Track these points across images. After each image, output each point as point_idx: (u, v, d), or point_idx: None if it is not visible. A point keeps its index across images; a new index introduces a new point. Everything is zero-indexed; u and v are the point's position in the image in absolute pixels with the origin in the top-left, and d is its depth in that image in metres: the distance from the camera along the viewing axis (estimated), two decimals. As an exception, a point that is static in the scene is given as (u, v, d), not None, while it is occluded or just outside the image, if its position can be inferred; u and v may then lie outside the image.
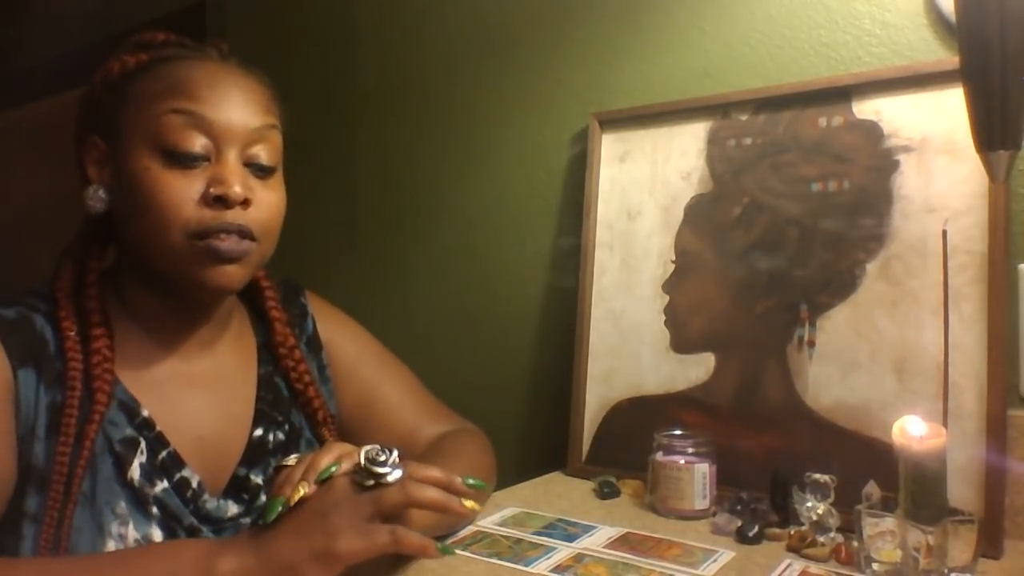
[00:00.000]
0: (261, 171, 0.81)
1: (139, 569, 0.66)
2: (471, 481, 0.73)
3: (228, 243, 0.77)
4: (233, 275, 0.79)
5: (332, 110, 1.67)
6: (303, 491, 0.68)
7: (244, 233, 0.78)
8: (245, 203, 0.78)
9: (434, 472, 0.71)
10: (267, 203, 0.81)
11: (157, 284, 0.81)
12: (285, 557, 0.65)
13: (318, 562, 0.64)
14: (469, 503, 0.72)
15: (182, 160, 0.77)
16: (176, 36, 0.85)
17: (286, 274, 1.00)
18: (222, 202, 0.76)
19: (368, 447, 0.70)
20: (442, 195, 1.49)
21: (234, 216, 0.77)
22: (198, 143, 0.77)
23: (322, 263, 1.66)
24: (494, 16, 1.41)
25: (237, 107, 0.79)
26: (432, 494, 0.69)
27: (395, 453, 0.70)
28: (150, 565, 0.66)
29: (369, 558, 0.66)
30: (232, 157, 0.78)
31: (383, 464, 0.69)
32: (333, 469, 0.69)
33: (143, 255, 0.80)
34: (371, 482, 0.68)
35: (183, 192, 0.76)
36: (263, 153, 0.81)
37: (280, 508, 0.67)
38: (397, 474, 0.69)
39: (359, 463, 0.69)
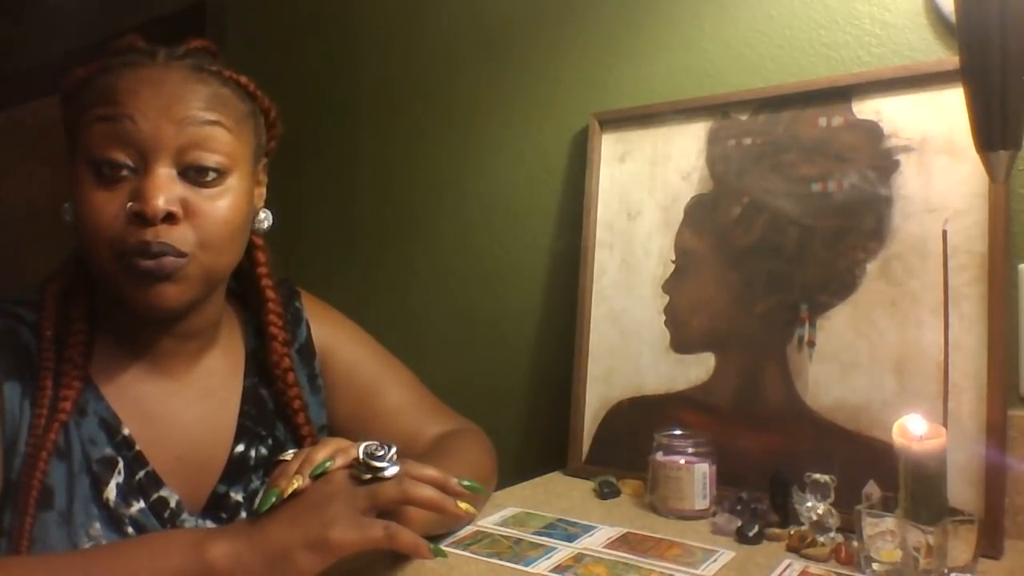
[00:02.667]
0: (202, 177, 0.75)
1: (129, 556, 0.66)
2: (466, 483, 0.73)
3: (151, 262, 0.72)
4: (168, 294, 0.74)
5: (332, 110, 1.67)
6: (297, 484, 0.67)
7: (170, 253, 0.73)
8: (171, 219, 0.73)
9: (430, 471, 0.71)
10: (206, 215, 0.75)
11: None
12: (278, 543, 0.65)
13: (311, 550, 0.64)
14: (464, 505, 0.72)
15: (105, 174, 0.73)
16: (136, 41, 0.80)
17: (286, 275, 1.00)
18: (141, 219, 0.72)
19: (367, 443, 0.70)
20: (442, 195, 1.49)
21: (155, 233, 0.72)
22: (120, 154, 0.73)
23: (322, 263, 1.66)
24: (494, 16, 1.41)
25: (161, 112, 0.73)
26: (428, 493, 0.69)
27: (393, 449, 0.70)
28: (139, 552, 0.66)
29: (361, 550, 0.66)
30: (159, 168, 0.73)
31: (381, 459, 0.69)
32: (328, 464, 0.69)
33: (93, 274, 0.78)
34: (368, 476, 0.68)
35: (106, 209, 0.72)
36: (202, 157, 0.75)
37: (273, 499, 0.67)
38: (394, 470, 0.69)
39: (357, 457, 0.69)
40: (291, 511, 0.67)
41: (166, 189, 0.73)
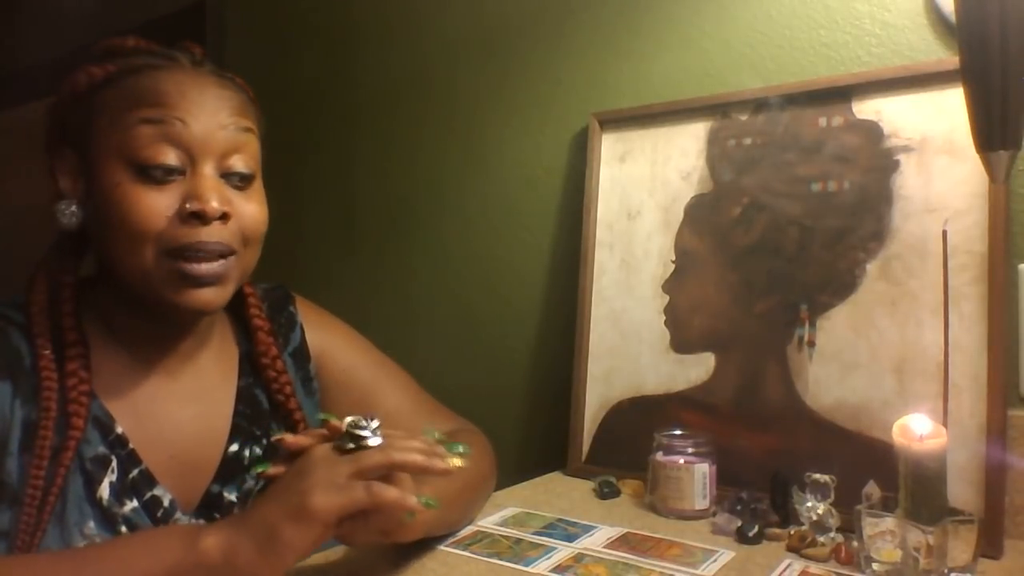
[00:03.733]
0: (240, 181, 0.78)
1: (121, 553, 0.66)
2: (460, 448, 0.72)
3: (205, 267, 0.74)
4: (212, 297, 0.76)
5: (332, 110, 1.67)
6: (270, 469, 0.69)
7: (224, 251, 0.75)
8: (224, 218, 0.75)
9: (415, 441, 0.70)
10: (247, 215, 0.78)
11: (134, 302, 0.79)
12: (263, 522, 0.65)
13: (293, 521, 0.64)
14: (455, 460, 0.71)
15: (154, 174, 0.73)
16: (146, 43, 0.81)
17: (286, 275, 1.00)
18: (199, 218, 0.73)
19: (351, 417, 0.69)
20: (442, 195, 1.49)
21: (210, 233, 0.74)
22: (171, 155, 0.74)
23: (322, 264, 1.67)
24: (494, 16, 1.41)
25: (210, 116, 0.76)
26: (413, 456, 0.68)
27: (377, 422, 0.69)
28: (132, 550, 0.66)
29: (346, 514, 0.65)
30: (208, 169, 0.75)
31: (364, 429, 0.68)
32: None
33: (118, 274, 0.77)
34: (351, 446, 0.67)
35: (156, 208, 0.73)
36: (240, 162, 0.78)
37: (260, 467, 0.70)
38: (378, 441, 0.68)
39: (340, 429, 0.69)
40: (274, 489, 0.67)
41: (218, 189, 0.76)
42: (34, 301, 0.79)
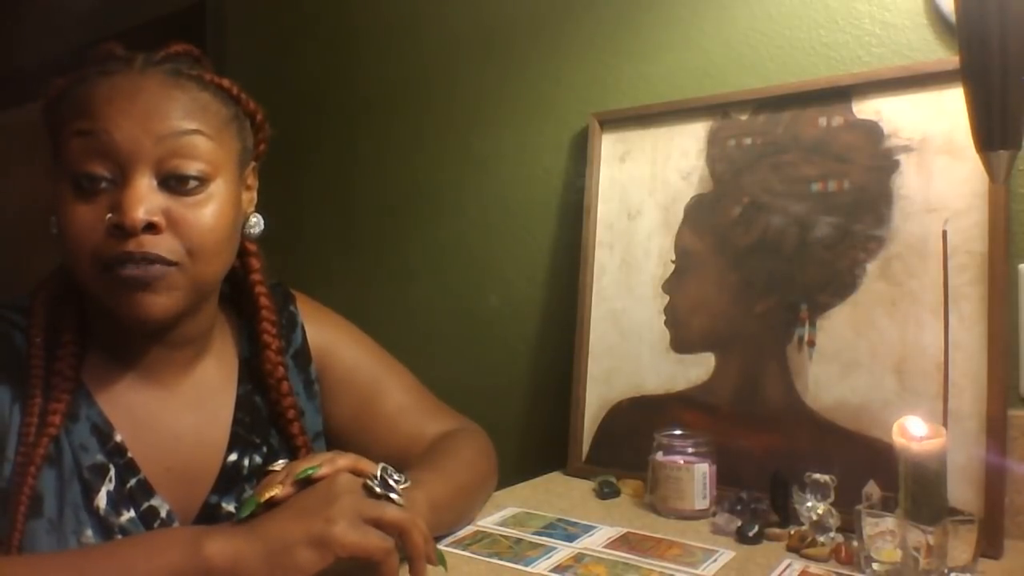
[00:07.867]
0: (182, 186, 0.74)
1: (124, 555, 0.65)
2: (441, 557, 0.72)
3: (137, 270, 0.72)
4: (153, 303, 0.73)
5: (331, 110, 1.67)
6: (277, 491, 0.67)
7: (153, 260, 0.72)
8: (153, 228, 0.72)
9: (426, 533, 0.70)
10: (190, 224, 0.74)
11: (105, 312, 0.77)
12: (279, 538, 0.63)
13: (311, 546, 0.63)
14: (440, 566, 0.72)
15: (85, 186, 0.72)
16: (112, 48, 0.78)
17: (286, 274, 1.00)
18: (121, 230, 0.71)
19: (386, 465, 0.72)
20: (442, 195, 1.49)
21: (139, 244, 0.71)
22: (98, 166, 0.72)
23: (321, 263, 1.67)
24: (494, 17, 1.41)
25: (138, 122, 0.72)
26: (420, 539, 0.68)
27: (408, 483, 0.72)
28: (135, 552, 0.65)
29: (358, 555, 0.64)
30: (138, 178, 0.72)
31: (397, 483, 0.70)
32: (311, 471, 0.68)
33: (78, 286, 0.77)
34: (380, 491, 0.69)
35: (86, 221, 0.72)
36: (182, 166, 0.73)
37: (253, 507, 0.67)
38: (402, 501, 0.70)
39: (374, 473, 0.70)
40: (296, 506, 0.66)
41: (146, 200, 0.72)
42: (40, 298, 0.79)
